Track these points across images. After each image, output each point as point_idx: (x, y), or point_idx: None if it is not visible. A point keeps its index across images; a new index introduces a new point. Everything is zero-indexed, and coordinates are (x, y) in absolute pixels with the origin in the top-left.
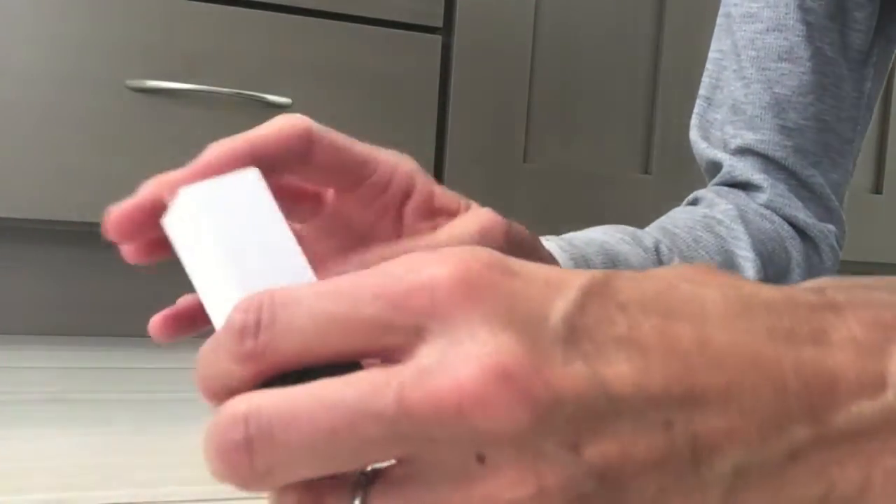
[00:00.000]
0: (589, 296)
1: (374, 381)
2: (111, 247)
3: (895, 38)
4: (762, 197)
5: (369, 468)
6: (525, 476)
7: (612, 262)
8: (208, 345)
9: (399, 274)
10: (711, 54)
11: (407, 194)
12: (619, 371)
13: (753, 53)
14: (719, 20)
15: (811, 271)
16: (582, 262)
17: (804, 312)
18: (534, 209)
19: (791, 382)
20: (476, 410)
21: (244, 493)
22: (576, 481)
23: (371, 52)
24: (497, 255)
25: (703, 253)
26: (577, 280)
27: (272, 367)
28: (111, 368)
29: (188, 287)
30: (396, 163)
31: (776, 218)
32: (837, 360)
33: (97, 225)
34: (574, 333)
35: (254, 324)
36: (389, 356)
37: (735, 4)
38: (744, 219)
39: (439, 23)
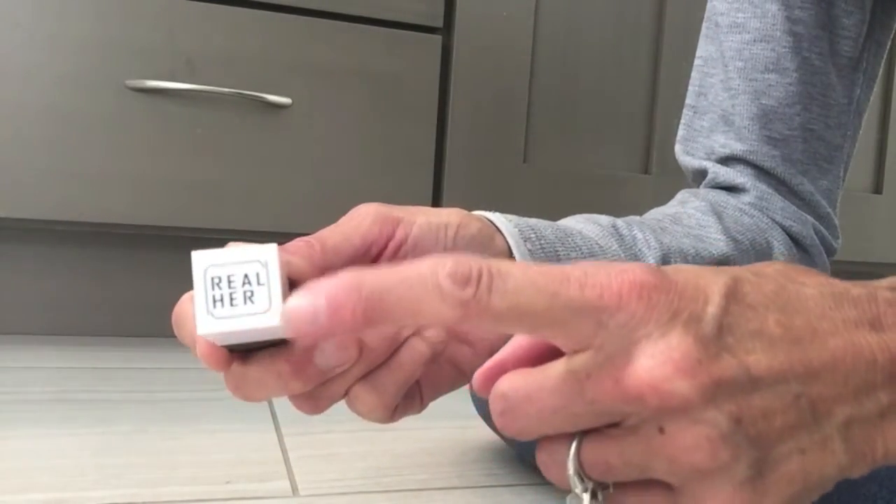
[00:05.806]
0: (728, 300)
1: (574, 371)
2: (111, 247)
3: (885, 43)
4: (746, 198)
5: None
6: (698, 441)
7: (564, 234)
8: (413, 282)
9: (592, 272)
10: (695, 62)
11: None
12: (756, 358)
13: (741, 64)
14: (703, 28)
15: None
16: (530, 231)
17: (884, 306)
18: (534, 209)
19: (879, 359)
20: (655, 397)
21: (244, 494)
22: (735, 443)
23: (371, 52)
24: (654, 267)
25: (669, 239)
26: (718, 285)
27: (478, 318)
28: (111, 368)
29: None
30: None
31: (755, 212)
32: None
33: (97, 225)
34: (721, 331)
35: (476, 277)
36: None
37: (722, 14)
38: (716, 212)
39: (439, 23)
